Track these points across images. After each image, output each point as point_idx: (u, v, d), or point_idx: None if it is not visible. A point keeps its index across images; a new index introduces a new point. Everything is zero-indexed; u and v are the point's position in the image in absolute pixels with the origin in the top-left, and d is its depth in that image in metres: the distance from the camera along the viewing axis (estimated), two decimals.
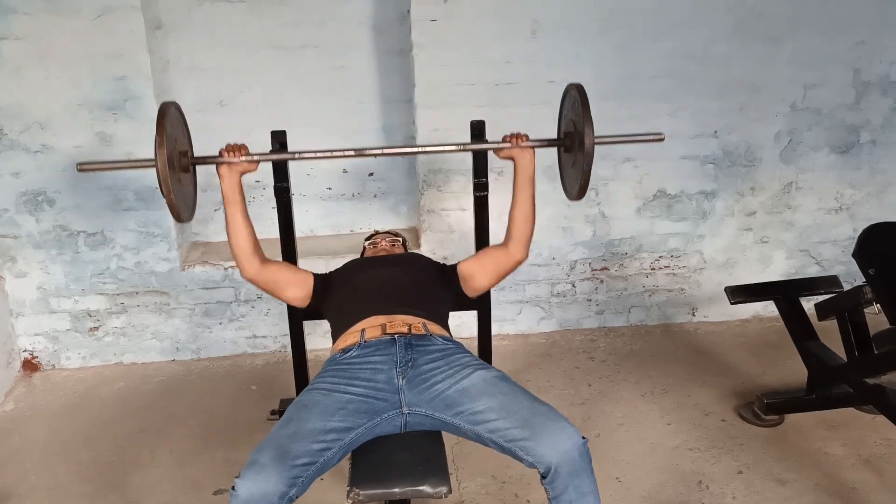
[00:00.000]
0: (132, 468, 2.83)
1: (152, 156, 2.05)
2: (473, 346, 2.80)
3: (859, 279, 3.67)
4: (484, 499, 2.59)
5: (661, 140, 2.41)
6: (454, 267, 2.48)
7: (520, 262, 2.41)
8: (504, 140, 2.38)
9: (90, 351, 3.61)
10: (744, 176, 3.65)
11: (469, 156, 3.41)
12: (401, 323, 2.16)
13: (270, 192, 2.91)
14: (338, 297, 2.39)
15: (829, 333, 2.99)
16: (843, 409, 2.97)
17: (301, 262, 2.93)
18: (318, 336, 3.60)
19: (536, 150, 2.37)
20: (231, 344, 3.67)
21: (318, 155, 2.47)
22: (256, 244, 2.32)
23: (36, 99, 3.22)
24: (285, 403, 3.15)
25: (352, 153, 2.52)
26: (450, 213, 3.55)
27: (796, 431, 2.91)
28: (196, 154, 2.33)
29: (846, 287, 3.07)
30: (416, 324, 2.17)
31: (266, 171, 2.86)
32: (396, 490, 1.89)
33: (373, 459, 1.97)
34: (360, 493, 1.88)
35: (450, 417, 1.96)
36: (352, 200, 3.81)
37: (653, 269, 3.77)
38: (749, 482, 2.62)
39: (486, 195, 2.86)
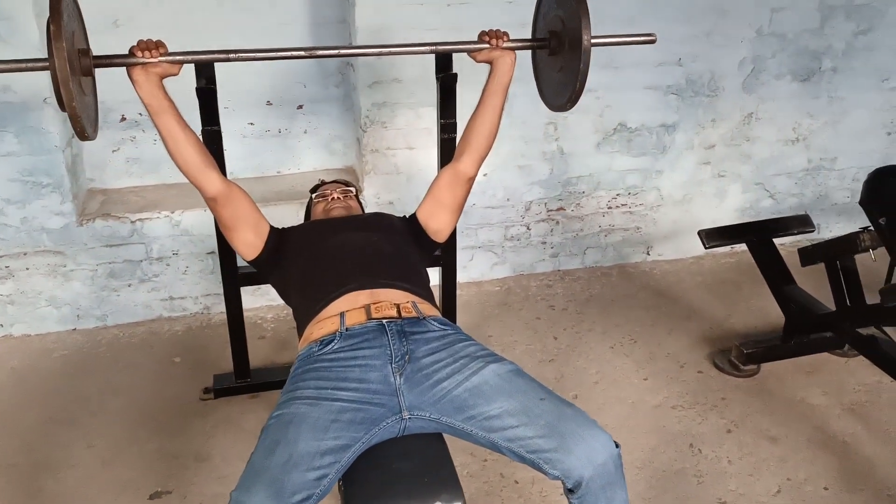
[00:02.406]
0: (44, 471, 2.36)
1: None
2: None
3: (810, 212, 3.60)
4: (466, 481, 2.32)
5: (653, 42, 2.17)
6: (414, 216, 2.14)
7: (471, 180, 2.10)
8: (481, 39, 2.04)
9: None
10: (705, 106, 3.43)
11: (419, 88, 3.03)
12: (388, 304, 1.79)
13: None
14: (298, 265, 1.99)
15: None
16: (817, 353, 2.90)
17: None
18: (248, 294, 3.17)
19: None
20: (143, 308, 3.17)
21: (259, 56, 2.04)
22: (206, 155, 1.90)
23: None
24: (220, 380, 2.76)
25: (302, 54, 2.08)
26: (396, 153, 3.14)
27: (775, 380, 2.79)
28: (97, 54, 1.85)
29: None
30: (405, 303, 1.82)
31: (185, 108, 2.37)
32: None
33: (368, 474, 1.64)
34: None
35: (459, 422, 1.64)
36: (278, 137, 3.32)
37: (609, 207, 3.53)
38: (741, 442, 2.49)
39: (455, 137, 2.49)
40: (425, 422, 1.67)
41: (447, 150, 2.47)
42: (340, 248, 1.98)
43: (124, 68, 1.84)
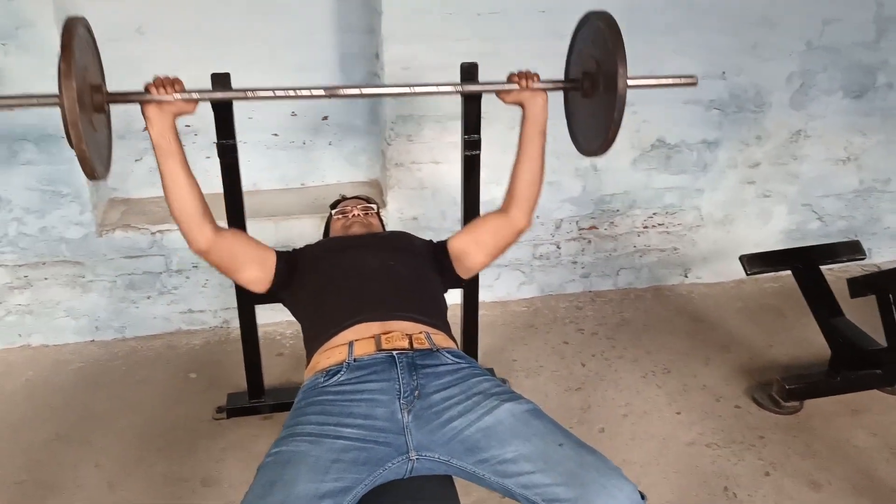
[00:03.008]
0: (49, 490, 2.30)
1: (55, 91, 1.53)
2: (452, 320, 2.35)
3: (861, 237, 3.41)
4: None
5: (695, 84, 2.02)
6: (444, 245, 2.02)
7: (522, 232, 1.99)
8: (510, 80, 1.92)
9: None
10: (750, 123, 3.25)
11: (446, 101, 2.92)
12: (399, 334, 1.69)
13: (204, 138, 2.38)
14: (309, 289, 1.90)
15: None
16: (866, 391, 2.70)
17: (247, 224, 2.42)
18: (267, 308, 3.08)
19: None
20: (162, 321, 3.11)
21: (277, 94, 1.94)
22: (205, 206, 1.81)
23: None
24: (234, 399, 2.67)
25: (321, 93, 2.00)
26: (421, 167, 3.03)
27: (818, 418, 2.61)
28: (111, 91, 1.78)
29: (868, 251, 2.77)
30: (418, 334, 1.71)
31: (200, 115, 2.29)
32: None
33: None
34: None
35: (470, 465, 1.52)
36: (302, 149, 3.24)
37: (645, 227, 3.38)
38: (779, 487, 2.31)
39: (478, 154, 2.38)
40: (434, 463, 1.55)
41: (470, 167, 2.36)
42: (355, 273, 1.88)
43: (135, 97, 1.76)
